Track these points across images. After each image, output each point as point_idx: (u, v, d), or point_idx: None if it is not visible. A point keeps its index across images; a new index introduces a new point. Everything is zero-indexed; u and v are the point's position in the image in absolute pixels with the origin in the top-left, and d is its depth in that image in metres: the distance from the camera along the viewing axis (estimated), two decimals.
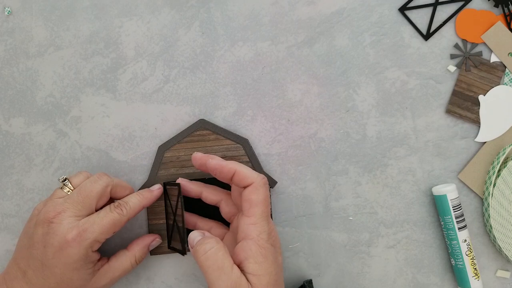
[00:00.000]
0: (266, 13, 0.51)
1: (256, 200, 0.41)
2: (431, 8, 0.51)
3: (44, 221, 0.43)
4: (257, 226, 0.40)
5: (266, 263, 0.39)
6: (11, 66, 0.51)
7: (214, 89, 0.51)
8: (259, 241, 0.40)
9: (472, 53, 0.51)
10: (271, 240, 0.40)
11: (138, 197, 0.46)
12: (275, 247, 0.41)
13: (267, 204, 0.41)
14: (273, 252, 0.40)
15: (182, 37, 0.51)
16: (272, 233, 0.41)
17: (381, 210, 0.51)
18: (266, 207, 0.41)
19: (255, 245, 0.40)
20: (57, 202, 0.44)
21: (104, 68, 0.51)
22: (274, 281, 0.39)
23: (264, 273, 0.39)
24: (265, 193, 0.41)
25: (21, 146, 0.51)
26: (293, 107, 0.51)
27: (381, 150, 0.51)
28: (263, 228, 0.40)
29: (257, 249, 0.40)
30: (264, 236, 0.40)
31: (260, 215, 0.40)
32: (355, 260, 0.50)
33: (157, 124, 0.51)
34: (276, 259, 0.41)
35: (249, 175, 0.42)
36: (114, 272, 0.46)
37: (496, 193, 0.49)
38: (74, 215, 0.43)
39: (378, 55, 0.51)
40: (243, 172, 0.42)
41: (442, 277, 0.50)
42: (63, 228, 0.42)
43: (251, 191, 0.41)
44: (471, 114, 0.51)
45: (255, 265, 0.39)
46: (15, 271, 0.44)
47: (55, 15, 0.51)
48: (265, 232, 0.40)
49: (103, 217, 0.43)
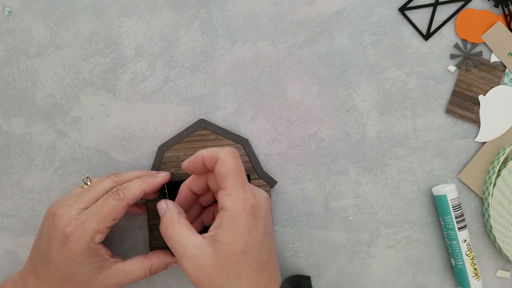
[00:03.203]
0: (266, 13, 0.51)
1: (225, 172, 0.40)
2: (431, 8, 0.51)
3: (49, 215, 0.42)
4: (231, 196, 0.40)
5: (235, 233, 0.39)
6: (11, 66, 0.51)
7: (214, 89, 0.51)
8: (233, 212, 0.39)
9: (472, 53, 0.51)
10: (247, 210, 0.39)
11: (139, 181, 0.44)
12: (255, 216, 0.40)
13: (238, 173, 0.40)
14: (248, 222, 0.39)
15: (182, 37, 0.51)
16: (250, 200, 0.40)
17: (381, 210, 0.51)
18: (237, 176, 0.40)
19: (227, 216, 0.39)
20: (66, 197, 0.44)
21: (104, 68, 0.51)
22: (241, 251, 0.39)
23: (229, 242, 0.39)
24: (233, 162, 0.40)
25: (21, 146, 0.51)
26: (293, 107, 0.51)
27: (381, 150, 0.51)
28: (238, 197, 0.39)
29: (229, 220, 0.39)
30: (239, 205, 0.39)
31: (233, 185, 0.40)
32: (355, 260, 0.50)
33: (157, 124, 0.51)
34: (252, 229, 0.39)
35: (213, 153, 0.41)
36: (126, 274, 0.44)
37: (496, 193, 0.49)
38: (77, 208, 0.42)
39: (378, 55, 0.51)
40: (208, 155, 0.41)
41: (442, 277, 0.50)
42: (63, 221, 0.41)
43: (220, 166, 0.40)
44: (471, 114, 0.51)
45: (223, 234, 0.39)
46: (29, 266, 0.44)
47: (55, 15, 0.51)
48: (239, 201, 0.39)
49: (100, 205, 0.42)
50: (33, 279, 0.43)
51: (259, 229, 0.40)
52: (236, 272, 0.39)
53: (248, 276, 0.40)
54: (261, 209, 0.41)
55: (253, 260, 0.40)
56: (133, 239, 0.50)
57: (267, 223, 0.41)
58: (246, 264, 0.39)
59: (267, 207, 0.42)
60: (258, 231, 0.40)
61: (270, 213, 0.42)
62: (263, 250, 0.40)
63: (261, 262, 0.40)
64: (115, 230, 0.50)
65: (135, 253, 0.50)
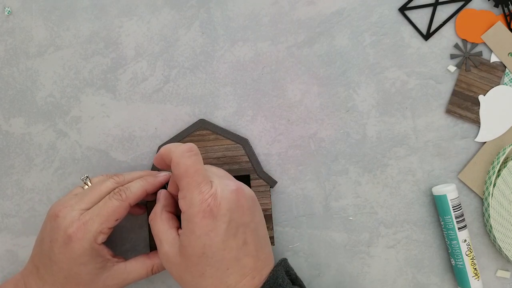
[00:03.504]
0: (266, 13, 0.51)
1: (178, 174, 0.39)
2: (431, 8, 0.51)
3: (52, 216, 0.42)
4: (186, 200, 0.39)
5: (191, 236, 0.39)
6: (11, 66, 0.51)
7: (214, 89, 0.51)
8: (188, 216, 0.39)
9: (472, 53, 0.51)
10: (201, 212, 0.38)
11: (141, 182, 0.44)
12: (214, 216, 0.38)
13: (192, 173, 0.39)
14: (203, 225, 0.38)
15: (182, 37, 0.51)
16: (206, 201, 0.38)
17: (381, 210, 0.51)
18: (191, 177, 0.39)
19: (184, 220, 0.39)
20: (67, 197, 0.44)
21: (104, 68, 0.51)
22: (200, 253, 0.39)
23: (187, 244, 0.39)
24: (186, 163, 0.39)
25: (21, 146, 0.51)
26: (293, 107, 0.51)
27: (381, 150, 0.51)
28: (192, 200, 0.39)
29: (185, 223, 0.39)
30: (194, 209, 0.38)
31: (187, 187, 0.39)
32: (355, 260, 0.50)
33: (157, 124, 0.51)
34: (209, 231, 0.38)
35: (167, 152, 0.40)
36: (128, 274, 0.45)
37: (496, 193, 0.49)
38: (79, 208, 0.42)
39: (378, 55, 0.51)
40: (164, 153, 0.41)
41: (442, 277, 0.50)
42: (66, 222, 0.41)
43: (173, 167, 0.40)
44: (471, 114, 0.51)
45: (182, 236, 0.40)
46: (31, 267, 0.44)
47: (55, 15, 0.51)
48: (194, 204, 0.38)
49: (102, 206, 0.42)
50: (35, 280, 0.43)
51: (218, 229, 0.39)
52: (200, 272, 0.39)
53: (212, 275, 0.39)
54: (222, 206, 0.39)
55: (215, 261, 0.39)
56: (134, 239, 0.50)
57: (233, 218, 0.39)
58: (208, 264, 0.39)
59: (233, 201, 0.39)
60: (217, 231, 0.39)
61: (239, 205, 0.40)
62: (228, 248, 0.39)
63: (226, 261, 0.39)
64: (116, 230, 0.50)
65: (135, 253, 0.50)
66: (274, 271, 0.41)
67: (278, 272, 0.41)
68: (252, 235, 0.41)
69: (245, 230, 0.40)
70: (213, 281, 0.39)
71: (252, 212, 0.41)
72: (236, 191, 0.40)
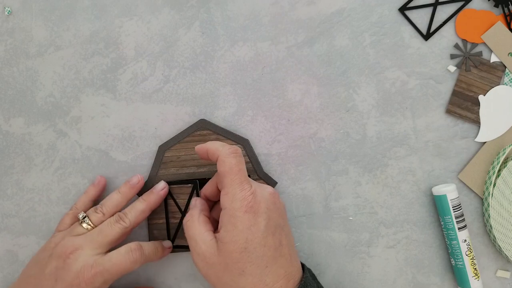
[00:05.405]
0: (266, 13, 0.51)
1: (223, 171, 0.41)
2: (431, 8, 0.51)
3: (61, 256, 0.43)
4: (228, 195, 0.41)
5: (234, 231, 0.40)
6: (11, 66, 0.51)
7: (214, 89, 0.51)
8: (230, 211, 0.40)
9: (472, 53, 0.51)
10: (244, 207, 0.40)
11: (141, 214, 0.47)
12: (254, 212, 0.40)
13: (236, 172, 0.41)
14: (245, 219, 0.40)
15: (182, 37, 0.51)
16: (248, 198, 0.40)
17: (381, 210, 0.51)
18: (234, 175, 0.41)
19: (226, 215, 0.40)
20: (76, 238, 0.44)
21: (104, 68, 0.51)
22: (242, 249, 0.39)
23: (229, 240, 0.40)
24: (231, 161, 0.41)
25: (21, 146, 0.51)
26: (293, 107, 0.51)
27: (381, 150, 0.51)
28: (234, 196, 0.40)
29: (227, 219, 0.40)
30: (236, 204, 0.40)
31: (230, 184, 0.41)
32: (355, 260, 0.50)
33: (157, 124, 0.51)
34: (251, 226, 0.40)
35: (214, 150, 0.43)
36: None
37: (496, 193, 0.49)
38: (91, 253, 0.43)
39: (378, 55, 0.51)
40: (211, 149, 0.43)
41: (442, 277, 0.50)
42: (77, 265, 0.42)
43: (219, 164, 0.42)
44: (471, 114, 0.51)
45: (224, 233, 0.40)
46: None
47: (55, 15, 0.51)
48: (236, 200, 0.40)
49: (115, 261, 0.43)
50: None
51: (259, 224, 0.40)
52: (240, 269, 0.40)
53: (252, 273, 0.40)
54: (262, 204, 0.41)
55: (255, 257, 0.40)
56: (134, 239, 0.50)
57: (271, 217, 0.41)
58: (249, 261, 0.40)
59: (271, 202, 0.42)
60: (259, 226, 0.40)
61: (276, 207, 0.42)
62: (267, 245, 0.40)
63: (265, 258, 0.40)
64: None
65: None
66: (305, 277, 0.42)
67: (308, 279, 0.42)
68: (286, 238, 0.42)
69: (281, 232, 0.42)
70: (253, 279, 0.40)
71: (285, 217, 0.43)
72: (273, 194, 0.43)
